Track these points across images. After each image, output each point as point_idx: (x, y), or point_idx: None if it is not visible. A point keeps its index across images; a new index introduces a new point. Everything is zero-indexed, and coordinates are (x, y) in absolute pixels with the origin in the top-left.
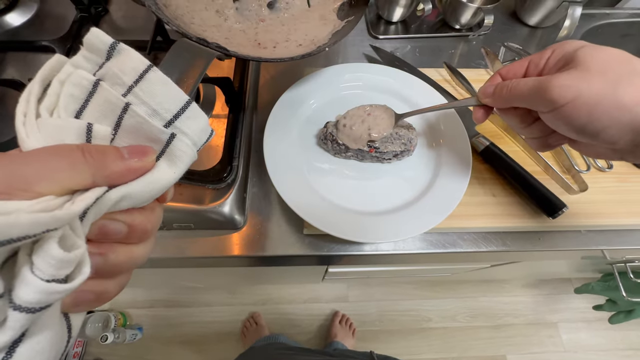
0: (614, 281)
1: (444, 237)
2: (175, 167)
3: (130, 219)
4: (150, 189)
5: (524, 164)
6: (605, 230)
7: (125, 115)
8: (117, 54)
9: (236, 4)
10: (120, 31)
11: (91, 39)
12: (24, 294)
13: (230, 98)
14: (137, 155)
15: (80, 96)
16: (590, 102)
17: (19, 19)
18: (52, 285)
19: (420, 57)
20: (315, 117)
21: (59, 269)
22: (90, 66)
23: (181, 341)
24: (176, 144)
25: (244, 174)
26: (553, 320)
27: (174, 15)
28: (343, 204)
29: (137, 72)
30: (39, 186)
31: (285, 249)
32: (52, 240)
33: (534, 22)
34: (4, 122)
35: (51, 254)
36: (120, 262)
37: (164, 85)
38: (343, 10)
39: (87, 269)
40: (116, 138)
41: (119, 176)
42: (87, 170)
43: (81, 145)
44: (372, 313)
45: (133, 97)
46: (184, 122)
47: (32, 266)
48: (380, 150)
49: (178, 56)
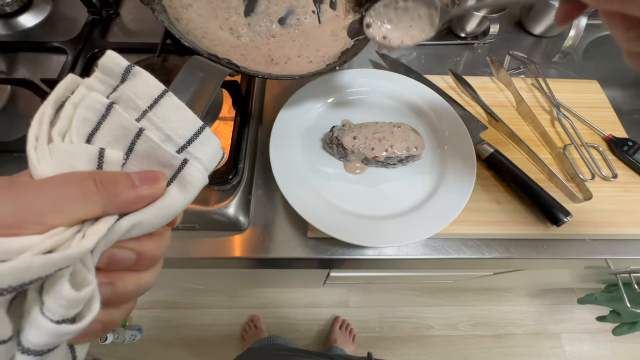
0: (618, 292)
1: (447, 243)
2: (186, 193)
3: (139, 247)
4: (161, 216)
5: (528, 172)
6: (610, 239)
7: (138, 140)
8: (131, 77)
9: (248, 20)
10: (130, 34)
11: (106, 62)
12: (33, 337)
13: (238, 101)
14: (148, 182)
15: (93, 119)
16: None
17: (32, 20)
18: (63, 327)
19: (425, 64)
20: (322, 121)
21: (70, 309)
22: (104, 88)
23: (180, 343)
24: (188, 169)
25: (249, 176)
26: (556, 330)
27: (185, 30)
28: (347, 208)
29: (151, 97)
30: (49, 218)
31: (289, 251)
32: (64, 279)
33: (538, 32)
34: (15, 121)
35: (63, 294)
36: (129, 291)
37: (179, 111)
38: (354, 28)
39: (96, 305)
40: (127, 163)
41: (130, 204)
42: (98, 200)
43: (92, 173)
44: (373, 319)
45: (147, 122)
46: (196, 147)
47: (42, 306)
48: (385, 154)
49: (191, 75)
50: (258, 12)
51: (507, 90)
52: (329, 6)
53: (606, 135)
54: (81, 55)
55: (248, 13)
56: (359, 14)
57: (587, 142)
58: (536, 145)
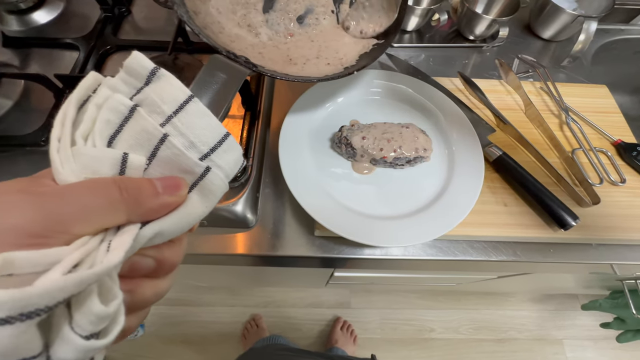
0: (623, 298)
1: (454, 245)
2: (207, 201)
3: (159, 254)
4: (182, 224)
5: (536, 175)
6: (617, 244)
7: (162, 146)
8: (156, 79)
9: (266, 16)
10: (142, 32)
11: (132, 63)
12: (63, 354)
13: (247, 99)
14: (170, 190)
15: (116, 121)
16: None
17: (46, 16)
18: (92, 343)
19: (433, 66)
20: (330, 121)
21: (98, 324)
22: (127, 90)
23: (182, 340)
24: (210, 177)
25: (258, 174)
26: (558, 337)
27: (203, 24)
28: (355, 207)
29: (177, 102)
30: (76, 228)
31: (296, 249)
32: (94, 295)
33: (548, 36)
34: (29, 115)
35: (94, 310)
36: (147, 298)
37: (204, 118)
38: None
39: (122, 318)
40: (149, 168)
41: (153, 213)
42: (123, 209)
43: (117, 180)
44: (374, 321)
45: (171, 128)
46: (219, 155)
47: (71, 321)
48: (393, 155)
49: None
50: (277, 9)
51: (516, 93)
52: (348, 6)
53: (615, 140)
54: (93, 52)
55: (267, 10)
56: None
57: (596, 147)
58: (544, 149)
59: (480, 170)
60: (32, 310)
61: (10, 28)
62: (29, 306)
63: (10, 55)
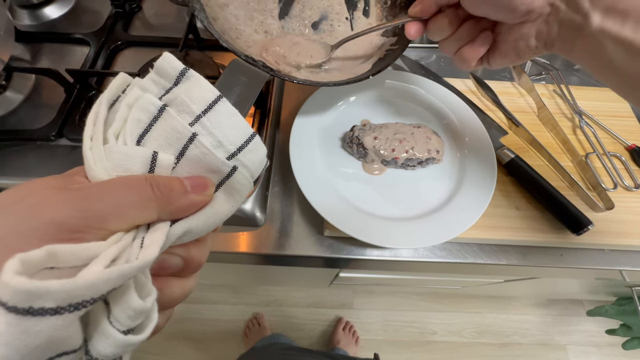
0: (631, 305)
1: (464, 248)
2: (233, 200)
3: (186, 253)
4: (210, 223)
5: (549, 179)
6: (630, 250)
7: (190, 145)
8: (185, 80)
9: (282, 22)
10: (152, 28)
11: (162, 64)
12: (102, 348)
13: (257, 98)
14: (198, 189)
15: (145, 120)
16: None
17: (57, 12)
18: (129, 338)
19: (445, 67)
20: (341, 121)
21: (136, 319)
22: (157, 90)
23: (183, 337)
24: (237, 177)
25: (267, 173)
26: (562, 342)
27: (222, 30)
28: (366, 208)
29: (206, 102)
30: (111, 224)
31: (305, 249)
32: (132, 290)
33: None
34: (39, 110)
35: (132, 305)
36: (175, 297)
37: (232, 118)
38: (387, 36)
39: (155, 314)
40: (177, 167)
41: (183, 211)
42: (155, 206)
43: (149, 178)
44: (377, 322)
45: (200, 128)
46: (246, 155)
47: (109, 315)
48: (405, 156)
49: (234, 77)
50: (292, 15)
51: (529, 96)
52: (362, 13)
53: (629, 144)
54: (104, 48)
55: (282, 16)
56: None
57: (610, 151)
58: (557, 153)
59: (492, 173)
60: (80, 302)
61: (22, 22)
62: (78, 297)
63: (22, 50)
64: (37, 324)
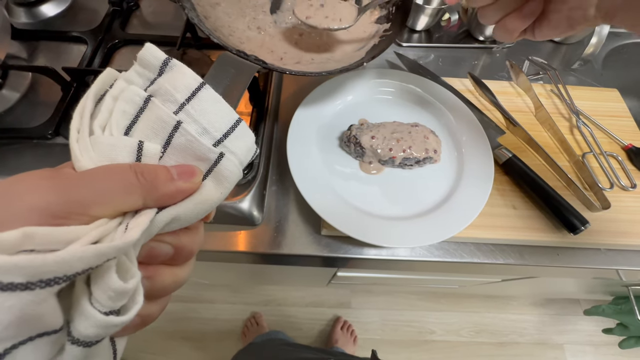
0: (627, 304)
1: (461, 247)
2: (221, 187)
3: (177, 241)
4: (198, 210)
5: (546, 178)
6: (626, 250)
7: (175, 133)
8: (169, 69)
9: (274, 17)
10: (150, 26)
11: (145, 55)
12: (83, 328)
13: (255, 96)
14: (185, 176)
15: (132, 112)
16: None
17: (54, 10)
18: (111, 319)
19: (443, 66)
20: (339, 120)
21: (117, 300)
22: (142, 81)
23: (182, 336)
24: (224, 163)
25: (265, 172)
26: (559, 341)
27: (213, 27)
28: (363, 207)
29: (189, 90)
30: (94, 210)
31: (302, 248)
32: (112, 271)
33: (558, 38)
34: (36, 108)
35: (111, 286)
36: (166, 285)
37: (216, 104)
38: (381, 23)
39: (140, 297)
40: (164, 156)
41: (169, 198)
42: (139, 192)
43: (134, 166)
44: (375, 321)
45: (185, 115)
46: (232, 141)
47: (90, 297)
48: (403, 155)
49: (223, 70)
50: (284, 9)
51: (526, 95)
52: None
53: (626, 144)
54: (101, 46)
55: (274, 10)
56: (385, 9)
57: (606, 151)
58: (554, 152)
59: (489, 173)
60: (51, 278)
61: (19, 20)
62: (48, 273)
63: (19, 48)
64: (8, 299)
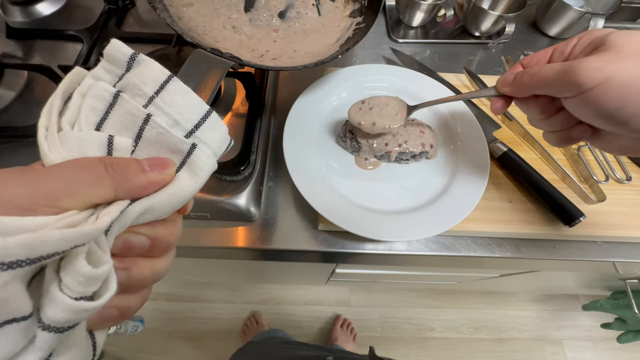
0: (625, 299)
1: (457, 241)
2: (196, 178)
3: (152, 232)
4: (172, 201)
5: (542, 172)
6: (622, 242)
7: (146, 126)
8: (136, 64)
9: (249, 15)
10: (146, 24)
11: (111, 51)
12: (52, 314)
13: (251, 93)
14: (157, 168)
15: (101, 108)
16: (622, 85)
17: (49, 8)
18: (81, 304)
19: (439, 62)
20: (335, 115)
21: (87, 286)
22: (110, 78)
23: (181, 336)
24: (197, 154)
25: (261, 168)
26: (558, 337)
27: (187, 27)
28: (360, 202)
29: (157, 83)
30: (62, 202)
31: (299, 243)
32: (80, 257)
33: (554, 33)
34: (32, 106)
35: (80, 271)
36: (144, 277)
37: (185, 95)
38: (354, 17)
39: (113, 284)
40: (137, 149)
41: (141, 189)
42: (109, 184)
43: (103, 158)
44: (374, 319)
45: (154, 108)
46: (204, 132)
47: (60, 284)
48: (398, 150)
49: (195, 67)
50: (258, 7)
51: None
52: None
53: None
54: (97, 44)
55: (248, 9)
56: (358, 3)
57: None
58: (549, 146)
59: (485, 167)
60: (14, 260)
61: (14, 19)
62: (10, 256)
63: (14, 47)
64: None
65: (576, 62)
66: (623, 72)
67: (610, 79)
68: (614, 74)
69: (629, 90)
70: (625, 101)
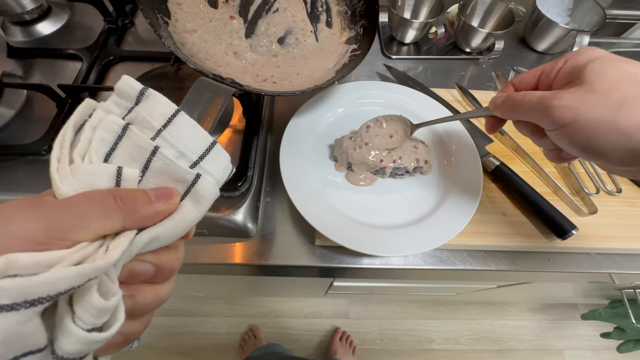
0: (623, 308)
1: (453, 254)
2: (199, 206)
3: (157, 260)
4: (177, 229)
5: (534, 185)
6: (615, 254)
7: (153, 157)
8: (145, 98)
9: (249, 41)
10: (145, 43)
11: (122, 86)
12: (66, 345)
13: (248, 110)
14: (163, 198)
15: (110, 140)
16: (590, 125)
17: (50, 27)
18: (94, 335)
19: (431, 77)
20: (331, 131)
21: (99, 317)
22: (119, 111)
23: (177, 351)
24: (201, 183)
25: (258, 183)
26: (559, 347)
27: (190, 53)
28: (356, 217)
29: (165, 117)
30: (74, 235)
31: (296, 259)
32: (93, 290)
33: (542, 49)
34: (31, 125)
35: (93, 304)
36: (148, 303)
37: (191, 128)
38: (350, 43)
39: (122, 314)
40: (143, 179)
41: (148, 220)
42: (118, 216)
43: (112, 190)
44: (373, 331)
45: (161, 141)
46: (208, 162)
47: (73, 316)
48: (393, 165)
49: (199, 95)
50: (258, 33)
51: None
52: (325, 25)
53: None
54: (96, 63)
55: (249, 35)
56: (354, 30)
57: None
58: (541, 159)
59: (479, 180)
60: (35, 298)
61: (15, 39)
62: (33, 294)
63: (14, 66)
64: None
65: (549, 98)
66: (590, 113)
67: (578, 120)
68: (580, 115)
69: (596, 132)
70: (594, 140)
